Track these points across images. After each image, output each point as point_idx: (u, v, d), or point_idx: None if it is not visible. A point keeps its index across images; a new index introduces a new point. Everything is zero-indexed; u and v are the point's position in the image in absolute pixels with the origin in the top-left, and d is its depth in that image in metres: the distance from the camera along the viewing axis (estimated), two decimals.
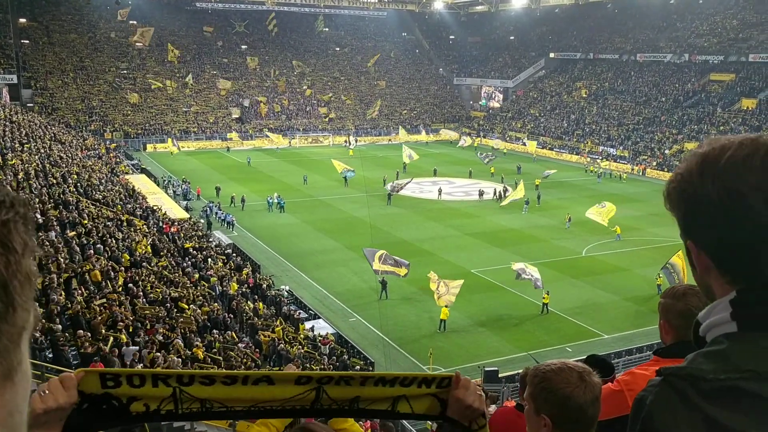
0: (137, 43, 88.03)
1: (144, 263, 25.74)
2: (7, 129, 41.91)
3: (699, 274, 1.25)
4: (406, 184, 50.48)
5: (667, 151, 69.24)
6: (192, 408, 1.64)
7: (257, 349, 22.13)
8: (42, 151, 40.88)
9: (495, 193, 52.48)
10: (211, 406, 1.65)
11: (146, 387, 1.60)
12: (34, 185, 30.06)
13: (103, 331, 17.56)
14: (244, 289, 28.20)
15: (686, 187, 1.19)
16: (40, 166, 35.10)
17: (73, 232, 25.28)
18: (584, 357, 3.85)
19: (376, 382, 1.76)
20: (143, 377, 1.60)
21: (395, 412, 1.80)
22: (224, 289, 27.18)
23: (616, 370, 3.53)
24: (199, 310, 22.64)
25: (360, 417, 1.90)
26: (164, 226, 34.75)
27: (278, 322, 24.83)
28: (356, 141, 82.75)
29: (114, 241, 26.49)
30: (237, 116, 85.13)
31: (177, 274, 26.42)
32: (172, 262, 28.21)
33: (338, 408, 1.77)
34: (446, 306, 27.57)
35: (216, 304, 24.75)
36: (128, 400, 1.60)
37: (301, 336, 24.64)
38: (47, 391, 1.50)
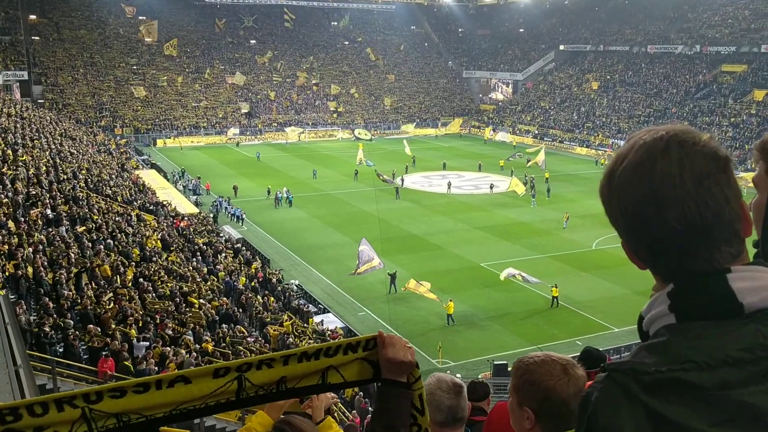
0: (146, 39, 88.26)
1: (154, 258, 25.85)
2: (17, 125, 42.15)
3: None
4: (392, 179, 50.46)
5: None
6: (108, 425, 1.58)
7: (267, 344, 22.20)
8: (52, 147, 41.09)
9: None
10: (128, 418, 1.60)
11: (51, 414, 1.53)
12: (45, 181, 30.23)
13: (113, 326, 17.65)
14: (253, 284, 28.29)
15: (601, 194, 1.24)
16: (50, 162, 35.27)
17: (83, 228, 25.40)
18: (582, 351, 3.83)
19: (300, 358, 1.72)
20: (45, 404, 1.53)
21: (326, 384, 1.78)
22: (234, 283, 27.27)
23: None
24: (208, 305, 22.73)
25: (290, 397, 1.84)
26: (175, 220, 34.90)
27: (286, 316, 24.89)
28: (369, 135, 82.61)
29: (124, 236, 26.61)
30: (246, 111, 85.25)
31: (187, 269, 26.52)
32: (182, 257, 28.33)
33: (266, 393, 1.72)
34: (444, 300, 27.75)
35: (225, 298, 24.85)
36: (35, 431, 1.53)
37: (310, 330, 24.69)
38: None
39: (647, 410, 1.07)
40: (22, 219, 23.35)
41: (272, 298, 27.35)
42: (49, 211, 25.61)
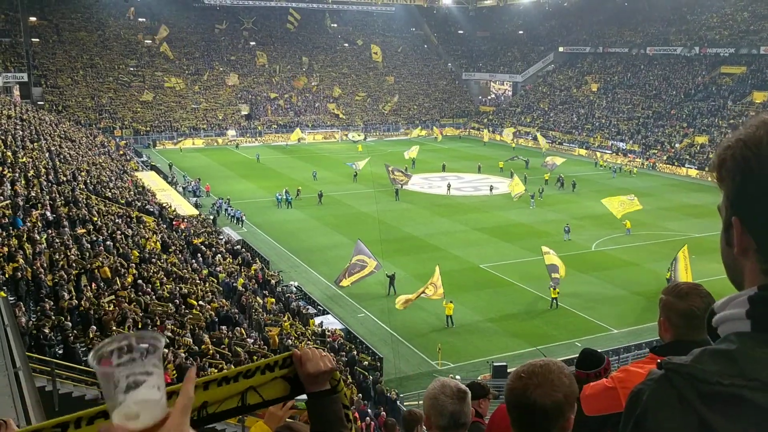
0: (147, 41, 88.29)
1: (153, 259, 25.84)
2: (17, 127, 42.17)
3: (735, 255, 1.12)
4: (406, 179, 50.56)
5: (677, 145, 68.75)
6: None
7: (265, 345, 22.19)
8: (52, 148, 41.11)
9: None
10: None
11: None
12: (44, 183, 30.23)
13: (114, 327, 17.65)
14: (252, 285, 28.27)
15: (748, 154, 1.05)
16: (50, 163, 35.30)
17: (83, 229, 25.39)
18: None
19: (220, 382, 1.71)
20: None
21: (246, 405, 1.77)
22: (233, 284, 27.27)
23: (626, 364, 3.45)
24: (207, 306, 22.72)
25: (211, 422, 1.77)
26: (174, 222, 34.90)
27: (285, 318, 24.88)
28: (365, 137, 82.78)
29: (124, 238, 26.62)
30: (246, 113, 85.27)
31: (186, 271, 26.51)
32: (181, 259, 28.32)
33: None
34: (445, 300, 27.62)
35: (224, 300, 24.84)
36: None
37: (310, 332, 24.68)
38: None
39: (701, 421, 1.01)
40: (22, 221, 23.35)
41: (272, 300, 27.34)
42: (48, 213, 25.62)
